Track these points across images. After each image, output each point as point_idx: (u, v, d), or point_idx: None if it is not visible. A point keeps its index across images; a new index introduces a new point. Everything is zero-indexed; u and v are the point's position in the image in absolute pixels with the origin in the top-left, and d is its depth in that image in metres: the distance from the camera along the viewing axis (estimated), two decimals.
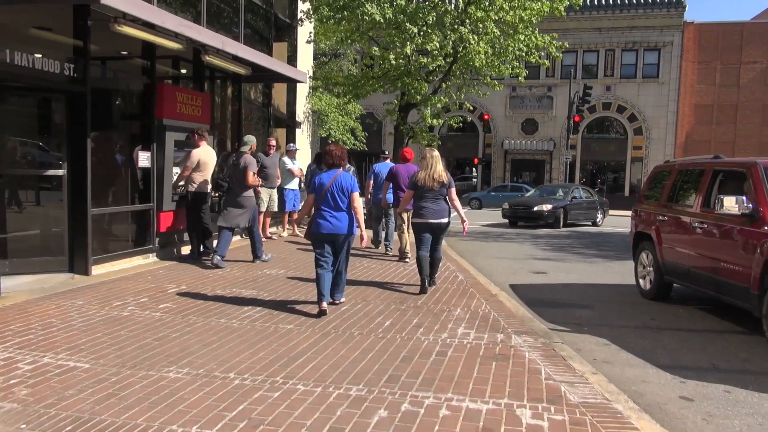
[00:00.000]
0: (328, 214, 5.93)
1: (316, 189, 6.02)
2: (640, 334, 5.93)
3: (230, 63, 9.28)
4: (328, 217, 5.93)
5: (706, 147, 35.25)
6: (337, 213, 5.93)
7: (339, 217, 5.94)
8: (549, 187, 24.54)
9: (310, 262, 9.44)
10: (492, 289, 7.69)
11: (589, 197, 21.52)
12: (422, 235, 7.10)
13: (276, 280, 7.75)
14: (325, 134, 26.17)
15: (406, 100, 14.01)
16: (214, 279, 7.66)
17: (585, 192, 22.04)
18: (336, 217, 5.93)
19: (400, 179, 9.13)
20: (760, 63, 34.55)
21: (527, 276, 9.57)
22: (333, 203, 5.94)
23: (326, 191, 5.93)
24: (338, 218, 5.94)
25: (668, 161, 8.02)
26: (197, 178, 8.81)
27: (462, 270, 9.17)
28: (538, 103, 36.95)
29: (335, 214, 5.93)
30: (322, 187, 5.97)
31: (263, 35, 12.33)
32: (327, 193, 5.93)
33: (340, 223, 5.94)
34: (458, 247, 12.93)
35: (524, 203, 19.88)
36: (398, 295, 7.01)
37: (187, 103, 9.20)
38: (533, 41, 14.17)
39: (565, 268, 10.48)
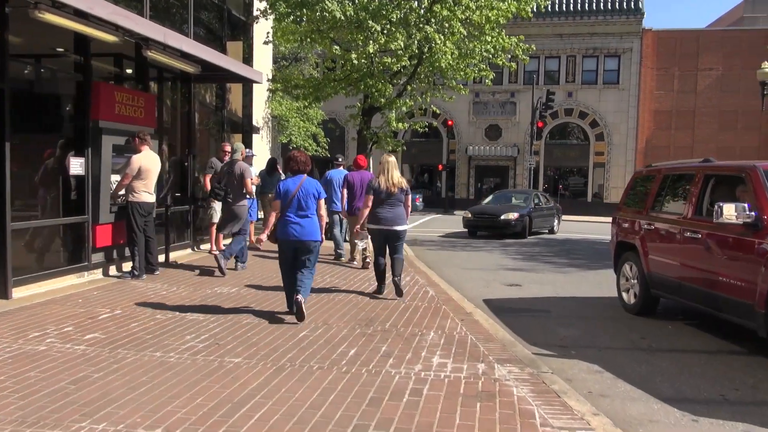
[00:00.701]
0: (295, 220, 5.92)
1: (282, 195, 5.98)
2: (633, 358, 5.35)
3: (176, 60, 8.43)
4: (293, 223, 5.91)
5: (666, 152, 35.67)
6: (302, 219, 5.92)
7: (304, 223, 5.92)
8: (506, 193, 23.01)
9: (267, 274, 8.73)
10: (466, 306, 7.04)
11: (548, 203, 20.68)
12: (379, 241, 7.14)
13: (227, 299, 6.92)
14: (286, 140, 25.31)
15: (369, 103, 13.32)
16: (156, 300, 6.79)
17: (543, 198, 21.20)
18: (301, 223, 5.92)
19: (354, 187, 9.19)
20: (716, 70, 35.20)
21: (501, 289, 8.97)
22: (299, 209, 5.93)
23: (293, 197, 5.92)
24: (303, 225, 5.92)
25: (650, 165, 7.54)
26: (139, 186, 7.93)
27: (432, 284, 8.50)
28: (501, 109, 36.81)
29: (301, 220, 5.92)
30: (288, 193, 5.94)
31: (216, 33, 11.48)
32: (293, 199, 5.92)
33: (305, 229, 5.92)
34: (425, 257, 12.29)
35: (488, 212, 18.12)
36: (363, 313, 6.29)
37: (128, 104, 8.30)
38: (500, 43, 13.69)
39: (539, 279, 9.93)
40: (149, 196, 8.09)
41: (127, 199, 7.96)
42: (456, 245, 15.30)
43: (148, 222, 8.16)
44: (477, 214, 18.01)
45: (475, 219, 17.87)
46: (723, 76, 34.96)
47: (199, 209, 10.84)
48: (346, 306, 6.77)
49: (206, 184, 10.24)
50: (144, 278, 8.02)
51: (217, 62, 8.64)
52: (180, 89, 10.40)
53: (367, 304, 6.91)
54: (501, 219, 17.33)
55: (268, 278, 8.34)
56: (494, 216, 17.57)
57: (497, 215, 17.51)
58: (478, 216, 17.93)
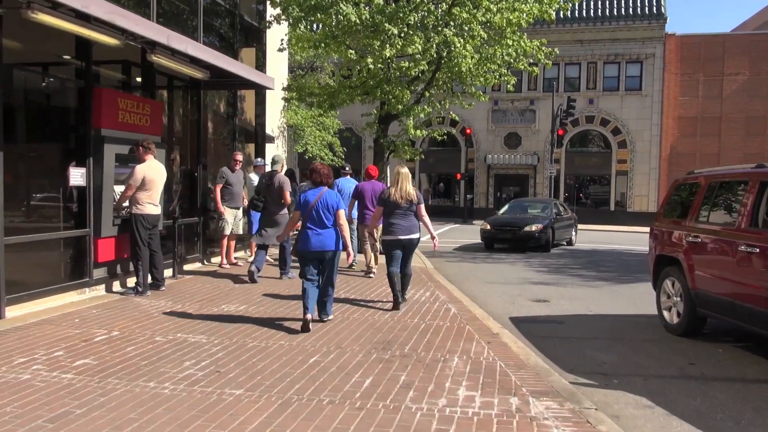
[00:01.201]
0: (313, 232, 6.03)
1: (302, 206, 6.11)
2: (684, 388, 4.74)
3: (183, 65, 8.02)
4: (314, 234, 6.02)
5: (691, 160, 34.70)
6: (322, 230, 6.02)
7: (324, 234, 6.03)
8: (522, 202, 20.73)
9: (280, 293, 8.25)
10: (492, 326, 6.47)
11: (566, 213, 19.21)
12: (393, 252, 7.11)
13: (234, 319, 6.43)
14: (302, 149, 24.94)
15: (386, 110, 12.83)
16: (158, 320, 6.32)
17: (562, 207, 19.79)
18: (321, 234, 6.02)
19: (366, 197, 9.31)
20: (743, 75, 34.22)
21: (527, 305, 8.37)
22: (318, 220, 6.03)
23: (311, 208, 6.02)
24: (324, 235, 6.03)
25: (692, 172, 6.92)
26: (143, 198, 7.51)
27: (453, 300, 7.94)
28: (520, 116, 36.16)
29: (321, 231, 6.02)
30: (308, 205, 6.05)
31: (228, 39, 11.11)
32: (312, 210, 6.02)
33: (325, 240, 6.03)
34: (445, 270, 11.72)
35: (509, 223, 16.32)
36: (381, 334, 5.74)
37: (132, 111, 7.90)
38: (522, 46, 13.14)
39: (568, 295, 9.31)
40: (154, 208, 7.66)
41: (131, 211, 7.54)
42: (477, 257, 14.70)
43: (153, 235, 7.73)
44: (497, 226, 16.35)
45: (494, 231, 16.27)
46: (750, 80, 33.97)
47: (210, 221, 10.42)
48: (361, 326, 6.24)
49: (217, 195, 9.82)
50: (148, 295, 7.57)
51: (226, 67, 8.22)
52: (189, 97, 10.02)
53: (384, 323, 6.37)
54: (524, 231, 15.76)
55: (278, 295, 7.85)
56: (516, 228, 15.95)
57: (519, 227, 15.92)
58: (498, 228, 16.30)
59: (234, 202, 10.05)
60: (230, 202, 9.98)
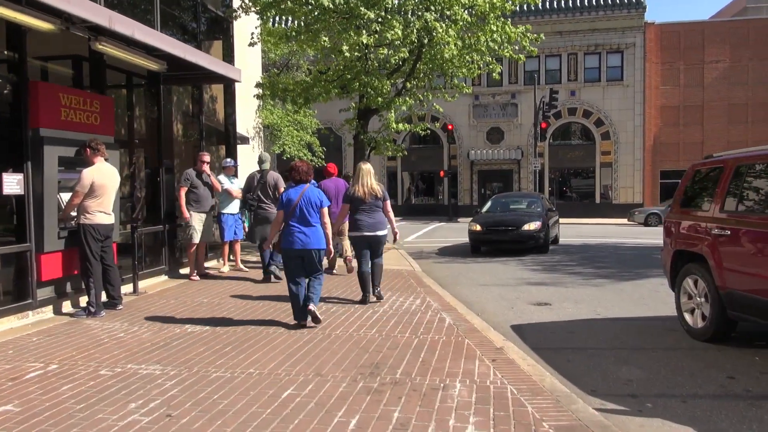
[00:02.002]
0: (297, 230, 5.96)
1: (285, 205, 6.04)
2: (734, 413, 3.98)
3: (135, 55, 7.11)
4: (297, 232, 5.95)
5: (675, 149, 34.44)
6: (306, 228, 5.96)
7: (308, 232, 5.97)
8: (506, 197, 18.32)
9: (254, 305, 7.40)
10: (494, 339, 5.68)
11: (551, 208, 17.39)
12: (361, 250, 7.11)
13: (197, 341, 5.56)
14: (279, 150, 24.00)
15: (365, 103, 11.99)
16: (108, 347, 5.42)
17: (548, 202, 18.54)
18: (305, 232, 5.96)
19: (330, 195, 8.95)
20: (723, 62, 33.99)
21: (529, 310, 7.59)
22: (302, 218, 5.97)
23: (295, 207, 5.96)
24: (307, 233, 5.97)
25: (711, 156, 6.20)
26: (92, 206, 6.60)
27: (447, 308, 7.14)
28: (502, 111, 35.57)
29: (304, 229, 5.96)
30: (291, 203, 5.99)
31: (190, 31, 10.19)
32: (296, 208, 5.96)
33: (309, 238, 5.97)
34: (435, 273, 10.93)
35: (504, 222, 14.27)
36: (367, 355, 4.91)
37: (79, 109, 6.97)
38: (506, 32, 12.39)
39: (570, 296, 8.56)
40: (106, 217, 6.75)
41: (79, 221, 6.62)
42: (467, 257, 13.93)
43: (106, 248, 6.82)
44: (490, 226, 14.12)
45: (487, 232, 14.06)
46: (730, 68, 33.74)
47: (177, 229, 9.50)
48: (345, 344, 5.40)
49: (181, 199, 8.92)
50: (102, 315, 6.65)
51: (184, 55, 7.31)
52: (148, 92, 9.09)
53: (371, 340, 5.54)
54: (522, 230, 13.83)
55: (251, 308, 6.99)
56: (513, 227, 13.95)
57: (516, 226, 13.93)
58: (491, 228, 14.09)
59: (201, 206, 9.15)
60: (197, 206, 9.09)
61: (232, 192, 9.54)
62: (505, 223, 14.28)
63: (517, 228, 13.97)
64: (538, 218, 14.28)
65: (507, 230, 14.06)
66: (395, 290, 8.43)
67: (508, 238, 13.95)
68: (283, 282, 8.86)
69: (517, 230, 13.95)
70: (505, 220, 14.59)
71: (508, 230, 14.05)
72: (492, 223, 14.37)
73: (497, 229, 14.18)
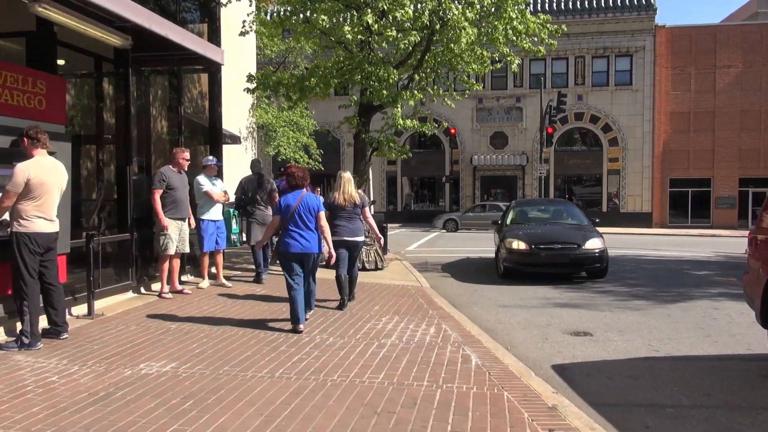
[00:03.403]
0: (296, 234, 6.04)
1: (283, 210, 6.10)
2: None
3: (90, 24, 5.77)
4: (297, 237, 6.03)
5: (685, 156, 33.23)
6: (305, 233, 6.06)
7: (307, 236, 6.07)
8: (532, 205, 15.61)
9: (230, 337, 5.59)
10: (539, 389, 4.33)
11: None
12: (339, 251, 7.05)
13: (149, 391, 4.20)
14: (274, 152, 22.66)
15: (367, 97, 10.63)
16: (30, 398, 4.06)
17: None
18: (304, 236, 6.05)
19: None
20: (735, 67, 32.83)
21: (567, 342, 6.25)
22: (301, 223, 6.05)
23: (293, 212, 6.04)
24: (307, 238, 6.06)
25: None
26: (28, 209, 5.24)
27: (469, 340, 5.80)
28: (506, 115, 34.33)
29: (304, 234, 6.05)
30: (289, 208, 6.06)
31: (168, 9, 8.84)
32: (294, 213, 6.04)
33: (308, 242, 6.06)
34: (445, 289, 9.60)
35: (557, 239, 10.90)
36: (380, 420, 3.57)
37: (16, 88, 5.62)
38: (526, 20, 11.09)
39: (611, 323, 7.21)
40: (46, 224, 5.39)
41: (11, 228, 5.26)
42: (479, 270, 12.60)
43: (47, 262, 5.46)
44: (541, 244, 10.67)
45: (536, 252, 10.55)
46: (743, 73, 32.58)
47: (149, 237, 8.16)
48: (345, 399, 4.05)
49: (156, 204, 7.56)
50: (38, 347, 5.28)
51: (148, 25, 5.95)
52: (115, 77, 7.74)
53: (379, 391, 4.19)
54: (586, 250, 10.49)
55: (227, 339, 5.62)
56: (573, 245, 10.65)
57: (578, 244, 10.63)
58: (543, 247, 10.62)
59: (178, 211, 7.79)
60: (173, 211, 7.72)
61: (212, 195, 8.18)
62: (561, 240, 10.85)
63: (578, 246, 10.58)
64: (595, 233, 11.06)
65: (564, 249, 10.61)
66: (403, 313, 7.10)
67: (568, 260, 10.55)
68: (267, 299, 7.66)
69: (578, 249, 10.54)
70: (559, 235, 11.17)
71: (565, 249, 10.61)
72: (542, 240, 10.79)
73: (551, 248, 10.65)
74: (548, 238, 11.01)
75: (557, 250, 10.67)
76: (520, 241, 10.83)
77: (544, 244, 10.72)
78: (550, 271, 10.65)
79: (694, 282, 10.73)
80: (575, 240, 10.82)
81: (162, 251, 7.71)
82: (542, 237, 11.06)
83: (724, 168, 32.64)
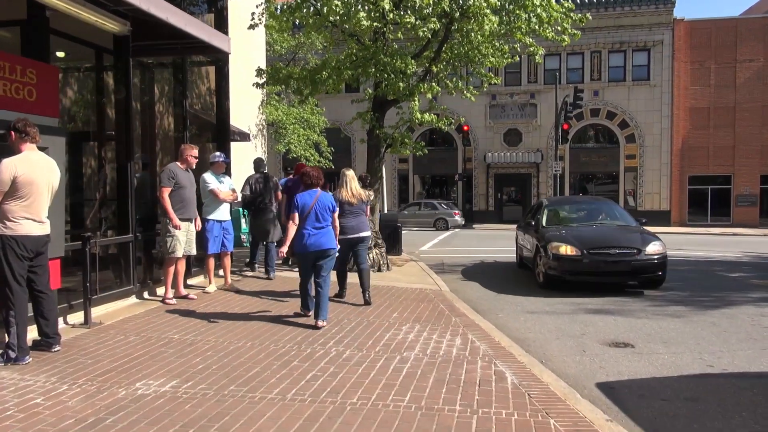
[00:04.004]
0: (313, 232, 6.15)
1: (300, 209, 6.18)
2: None
3: (85, 8, 5.26)
4: (314, 234, 6.15)
5: (704, 153, 32.36)
6: (321, 230, 6.19)
7: (323, 233, 6.21)
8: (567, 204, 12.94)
9: (237, 351, 4.86)
10: (589, 415, 3.78)
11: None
12: (344, 250, 7.19)
13: (143, 417, 3.68)
14: (284, 149, 22.17)
15: (382, 90, 10.06)
16: (9, 425, 3.55)
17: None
18: (319, 233, 6.17)
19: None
20: (757, 61, 31.94)
21: (609, 356, 5.66)
22: (317, 221, 6.18)
23: (311, 210, 6.16)
24: (323, 235, 6.19)
25: None
26: (15, 210, 4.75)
27: (500, 352, 5.25)
28: (520, 111, 33.65)
29: (320, 231, 6.18)
30: (306, 207, 6.17)
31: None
32: (312, 211, 6.16)
33: (324, 239, 6.20)
34: (465, 293, 9.06)
35: (617, 241, 9.40)
36: None
37: (2, 78, 5.12)
38: (550, 6, 10.49)
39: (651, 332, 6.61)
40: (36, 226, 4.89)
41: None
42: (498, 272, 12.02)
43: (37, 267, 4.97)
44: (595, 248, 9.11)
45: (590, 258, 8.99)
46: (765, 67, 31.67)
47: (154, 239, 7.67)
48: (371, 425, 3.51)
49: (166, 203, 7.06)
50: (26, 362, 4.79)
51: (146, 8, 5.42)
52: (114, 68, 7.24)
53: (406, 418, 3.65)
54: (649, 256, 9.10)
55: (234, 353, 5.10)
56: (633, 249, 9.12)
57: (638, 248, 9.12)
58: (599, 252, 9.08)
59: (186, 211, 7.30)
60: (182, 211, 7.21)
61: (218, 194, 7.67)
62: (619, 244, 9.27)
63: (638, 251, 9.06)
64: (653, 236, 9.65)
65: (623, 255, 9.05)
66: (425, 321, 6.56)
67: (628, 268, 9.05)
68: (277, 305, 7.14)
69: (638, 255, 9.04)
70: (614, 238, 9.56)
71: (624, 255, 9.05)
72: (596, 244, 9.21)
73: (608, 253, 9.07)
74: (603, 241, 9.38)
75: (615, 256, 9.08)
76: (568, 245, 9.18)
77: (600, 249, 9.14)
78: (606, 281, 9.19)
79: (731, 285, 10.09)
80: (634, 244, 9.23)
81: (169, 253, 7.21)
82: (595, 240, 9.39)
83: (745, 165, 31.78)
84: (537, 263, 9.92)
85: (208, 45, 6.61)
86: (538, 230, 10.44)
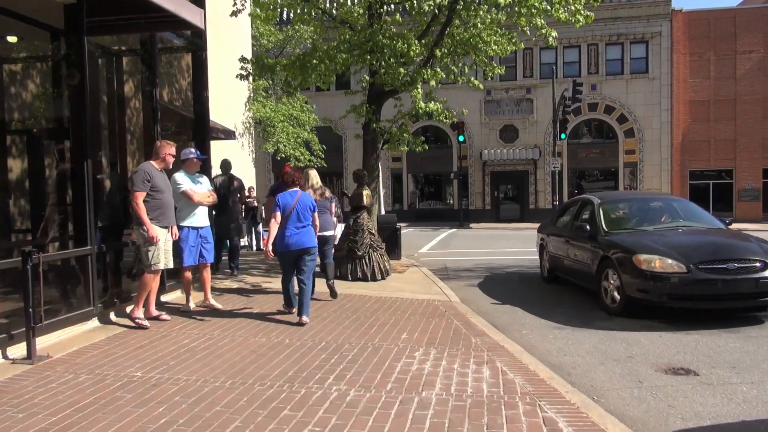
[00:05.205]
0: (294, 230, 6.27)
1: (282, 208, 6.29)
2: None
3: None
4: (296, 233, 6.27)
5: (705, 147, 31.54)
6: (302, 229, 6.32)
7: (304, 232, 6.32)
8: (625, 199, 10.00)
9: (212, 392, 3.67)
10: None
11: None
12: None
13: None
14: (273, 149, 21.02)
15: (380, 78, 8.98)
16: None
17: None
18: (302, 233, 6.30)
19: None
20: (757, 52, 31.18)
21: (672, 389, 4.61)
22: (299, 220, 6.31)
23: (292, 209, 6.29)
24: (304, 234, 6.32)
25: None
26: None
27: (540, 387, 4.21)
28: (516, 107, 32.70)
29: (301, 230, 6.30)
30: (288, 206, 6.29)
31: None
32: (293, 211, 6.29)
33: (306, 238, 6.33)
34: (478, 304, 8.02)
35: (727, 254, 6.87)
36: None
37: None
38: None
39: (710, 352, 5.58)
40: None
41: None
42: (509, 275, 10.98)
43: None
44: (708, 263, 6.68)
45: (703, 277, 6.58)
46: (765, 58, 30.90)
47: (121, 250, 6.55)
48: None
49: (140, 210, 5.94)
50: None
51: None
52: (62, 47, 6.11)
53: None
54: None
55: (209, 397, 3.99)
56: (750, 263, 6.70)
57: (759, 259, 6.74)
58: (714, 268, 6.65)
59: (165, 218, 6.20)
60: (159, 218, 6.12)
61: (193, 196, 6.57)
62: (735, 256, 6.83)
63: (764, 265, 6.68)
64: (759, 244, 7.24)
65: (747, 271, 6.63)
66: (440, 344, 5.51)
67: (753, 288, 6.61)
68: (264, 328, 5.98)
69: (765, 270, 6.65)
70: (726, 247, 7.11)
71: (748, 270, 6.63)
72: (707, 257, 6.79)
73: (725, 268, 6.64)
74: (713, 252, 6.91)
75: (735, 272, 6.60)
76: (666, 257, 6.75)
77: (712, 264, 6.68)
78: (722, 307, 6.82)
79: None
80: (756, 254, 6.80)
81: (151, 266, 6.09)
82: (702, 251, 6.92)
83: (747, 158, 31.01)
84: (607, 283, 7.36)
85: (176, 18, 5.49)
86: (597, 237, 7.94)
